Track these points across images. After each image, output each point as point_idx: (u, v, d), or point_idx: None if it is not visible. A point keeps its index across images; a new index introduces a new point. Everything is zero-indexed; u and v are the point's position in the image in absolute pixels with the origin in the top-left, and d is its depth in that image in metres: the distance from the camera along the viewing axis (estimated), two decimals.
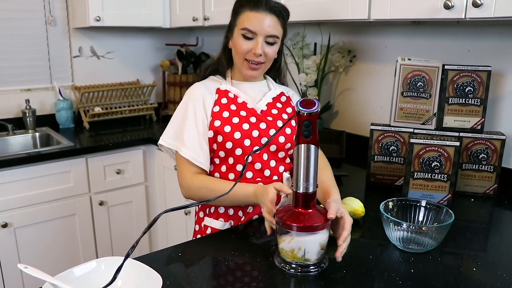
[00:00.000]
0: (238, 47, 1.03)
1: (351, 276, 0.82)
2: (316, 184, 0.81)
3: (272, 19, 1.02)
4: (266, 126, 1.06)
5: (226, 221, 1.08)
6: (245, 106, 1.07)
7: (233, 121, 1.04)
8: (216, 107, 1.05)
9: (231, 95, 1.07)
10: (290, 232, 0.81)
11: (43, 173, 1.71)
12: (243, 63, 1.05)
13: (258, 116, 1.06)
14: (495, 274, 0.84)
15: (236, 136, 1.02)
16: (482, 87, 1.20)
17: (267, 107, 1.09)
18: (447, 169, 1.14)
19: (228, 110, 1.05)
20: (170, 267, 0.86)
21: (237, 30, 1.03)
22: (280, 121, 1.08)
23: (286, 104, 1.13)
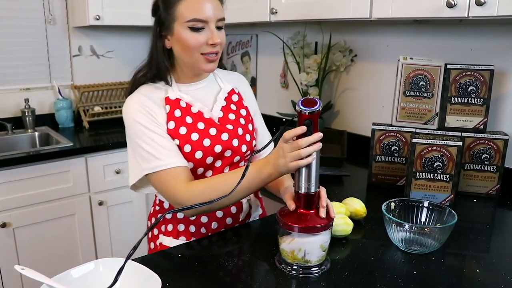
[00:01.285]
0: (189, 42, 0.88)
1: (353, 278, 0.81)
2: (318, 185, 0.80)
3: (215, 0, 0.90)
4: (228, 137, 0.96)
5: (188, 239, 0.99)
6: (201, 117, 0.94)
7: (192, 138, 0.92)
8: (170, 123, 0.91)
9: (183, 104, 0.93)
10: (291, 233, 0.79)
11: (42, 173, 1.70)
12: (198, 58, 0.90)
13: (217, 126, 0.95)
14: (498, 276, 0.83)
15: (198, 155, 0.92)
16: (484, 86, 1.19)
17: (223, 112, 0.98)
18: (450, 169, 1.13)
19: (185, 125, 0.92)
20: (170, 269, 0.85)
21: (179, 24, 0.88)
22: (241, 129, 0.99)
23: (239, 105, 1.03)
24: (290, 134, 0.77)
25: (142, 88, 0.94)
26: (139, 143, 0.90)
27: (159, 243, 1.02)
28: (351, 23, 1.68)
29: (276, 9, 1.54)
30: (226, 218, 1.02)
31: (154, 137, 0.89)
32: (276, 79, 2.06)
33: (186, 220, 1.00)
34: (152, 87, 0.95)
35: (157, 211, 1.06)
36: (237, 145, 0.98)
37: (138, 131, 0.90)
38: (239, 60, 2.25)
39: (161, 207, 1.04)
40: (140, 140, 0.90)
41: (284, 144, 0.78)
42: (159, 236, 1.03)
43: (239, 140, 0.98)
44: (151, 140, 0.89)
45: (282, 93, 2.05)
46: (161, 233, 1.03)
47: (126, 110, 0.92)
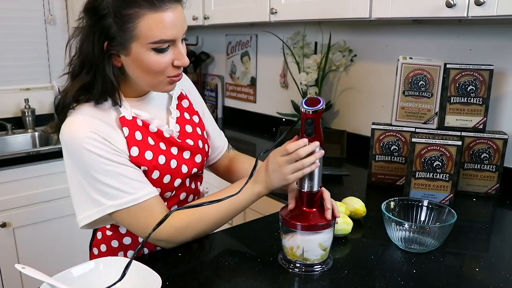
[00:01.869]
0: (153, 66, 0.74)
1: (353, 277, 0.81)
2: (320, 183, 0.81)
3: (180, 10, 0.74)
4: (190, 154, 0.88)
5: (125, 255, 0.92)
6: (161, 136, 0.83)
7: (160, 161, 0.82)
8: (133, 150, 0.78)
9: (140, 123, 0.80)
10: (293, 231, 0.80)
11: (42, 173, 1.71)
12: (161, 81, 0.78)
13: (177, 144, 0.86)
14: (498, 275, 0.83)
15: (166, 180, 0.84)
16: (484, 86, 1.19)
17: (179, 126, 0.89)
18: (449, 168, 1.13)
19: (149, 148, 0.80)
20: (170, 268, 0.85)
21: (140, 45, 0.72)
22: (200, 141, 0.91)
23: (191, 112, 0.94)
24: (292, 147, 0.75)
25: (84, 109, 0.77)
26: (98, 178, 0.75)
27: None
28: (351, 23, 1.69)
29: (276, 9, 1.55)
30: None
31: (118, 170, 0.76)
32: (275, 79, 2.07)
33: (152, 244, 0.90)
34: (96, 107, 0.77)
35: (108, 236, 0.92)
36: (200, 160, 0.91)
37: (95, 164, 0.74)
38: (239, 60, 2.25)
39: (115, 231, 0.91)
40: (99, 175, 0.74)
41: (281, 158, 0.77)
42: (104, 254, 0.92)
43: (201, 154, 0.92)
44: (115, 173, 0.75)
45: (282, 93, 2.05)
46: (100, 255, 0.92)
47: (72, 137, 0.74)
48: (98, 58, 0.74)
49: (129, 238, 0.92)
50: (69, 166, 0.79)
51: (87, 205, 0.78)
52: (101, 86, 0.76)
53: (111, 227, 0.92)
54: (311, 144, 0.76)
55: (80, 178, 0.77)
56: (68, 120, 0.76)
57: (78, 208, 0.79)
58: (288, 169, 0.76)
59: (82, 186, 0.77)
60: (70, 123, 0.76)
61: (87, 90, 0.77)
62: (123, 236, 0.91)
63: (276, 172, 0.77)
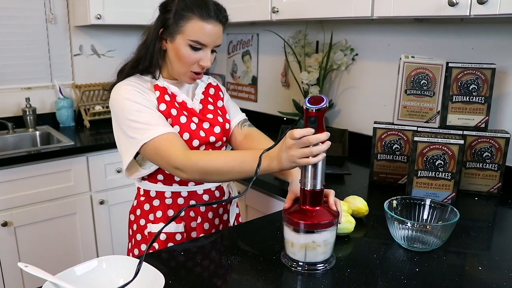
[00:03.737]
0: (185, 57, 0.95)
1: (356, 275, 0.81)
2: (323, 182, 0.81)
3: (220, 29, 0.96)
4: (209, 125, 1.03)
5: (178, 223, 1.03)
6: (185, 106, 1.01)
7: (181, 120, 0.98)
8: (162, 105, 0.97)
9: (170, 93, 1.00)
10: (296, 229, 0.80)
11: (44, 172, 1.70)
12: (185, 73, 0.98)
13: (198, 115, 1.02)
14: (501, 273, 0.83)
15: (185, 137, 0.97)
16: (486, 85, 1.19)
17: (202, 105, 1.05)
18: (451, 167, 1.13)
19: (173, 107, 0.98)
20: (172, 266, 0.85)
21: (183, 38, 0.94)
22: (220, 117, 1.06)
23: (216, 97, 1.10)
24: (299, 134, 0.76)
25: (129, 78, 0.99)
26: (131, 118, 0.93)
27: (148, 232, 1.04)
28: (353, 22, 1.69)
29: (277, 8, 1.54)
30: (211, 200, 1.07)
31: (148, 111, 0.94)
32: (277, 78, 2.06)
33: (175, 205, 1.04)
34: (138, 78, 1.00)
35: (142, 201, 1.06)
36: (219, 132, 1.04)
37: (129, 107, 0.93)
38: (240, 59, 2.25)
39: (147, 196, 1.06)
40: (132, 116, 0.93)
41: (291, 140, 0.77)
42: (146, 225, 1.05)
43: (220, 127, 1.05)
44: (145, 113, 0.93)
45: (283, 92, 2.05)
46: (149, 222, 1.05)
47: (115, 92, 0.96)
48: (153, 38, 0.98)
49: (157, 200, 1.05)
50: (114, 122, 0.98)
51: (126, 148, 0.95)
52: (148, 61, 0.99)
53: (144, 193, 1.07)
54: (323, 134, 0.76)
55: (121, 125, 0.95)
56: (116, 86, 0.98)
57: (122, 154, 0.97)
58: (297, 153, 0.76)
59: (122, 132, 0.95)
60: (116, 87, 0.97)
61: (137, 65, 1.00)
62: (153, 199, 1.05)
63: (285, 153, 0.78)
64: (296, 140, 0.76)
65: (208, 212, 1.07)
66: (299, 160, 0.77)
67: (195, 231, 1.05)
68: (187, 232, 1.05)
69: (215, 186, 1.08)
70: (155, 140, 0.91)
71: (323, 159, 0.78)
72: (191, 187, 1.04)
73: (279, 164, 0.80)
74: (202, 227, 1.05)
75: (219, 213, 1.10)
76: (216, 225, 1.10)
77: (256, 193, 1.49)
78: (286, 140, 0.79)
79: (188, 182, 1.04)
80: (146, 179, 1.05)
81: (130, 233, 1.12)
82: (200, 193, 1.06)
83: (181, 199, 1.04)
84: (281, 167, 0.80)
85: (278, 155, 0.80)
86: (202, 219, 1.06)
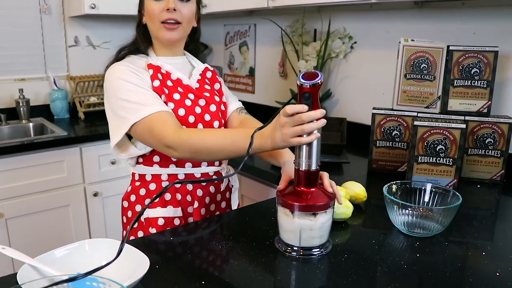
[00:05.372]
0: (151, 11, 0.96)
1: (353, 261, 0.77)
2: (319, 162, 0.77)
3: None
4: (205, 102, 1.01)
5: (175, 207, 1.01)
6: (180, 83, 1.00)
7: (174, 97, 0.96)
8: (155, 82, 0.95)
9: (164, 71, 0.99)
10: (291, 212, 0.76)
11: (36, 163, 1.67)
12: (160, 27, 0.96)
13: (194, 92, 1.00)
14: (504, 259, 0.79)
15: (181, 113, 0.95)
16: (488, 68, 1.16)
17: (199, 84, 1.04)
18: (453, 152, 1.09)
19: (166, 86, 0.97)
20: (161, 251, 0.82)
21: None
22: (217, 96, 1.05)
23: (213, 80, 1.08)
24: (292, 109, 0.72)
25: (124, 60, 0.99)
26: (123, 97, 0.91)
27: (144, 218, 1.01)
28: (351, 9, 1.65)
29: None
30: (209, 186, 1.05)
31: (140, 90, 0.92)
32: (274, 69, 2.03)
33: (172, 189, 1.01)
34: (133, 58, 1.00)
35: (137, 187, 1.03)
36: (214, 110, 1.02)
37: (122, 87, 0.91)
38: (237, 50, 2.21)
39: (142, 181, 1.03)
40: (124, 95, 0.91)
41: (284, 118, 0.73)
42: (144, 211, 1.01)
43: (216, 105, 1.03)
44: (137, 92, 0.91)
45: (281, 82, 2.02)
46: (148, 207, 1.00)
47: (109, 72, 0.95)
48: (138, 21, 1.03)
49: (153, 184, 1.02)
50: (106, 103, 0.96)
51: (115, 127, 0.93)
52: (137, 43, 1.02)
53: (139, 178, 1.04)
54: (316, 111, 0.72)
55: (113, 105, 0.93)
56: (111, 67, 0.97)
57: (111, 133, 0.96)
58: (289, 132, 0.72)
59: (113, 111, 0.93)
60: (111, 68, 0.96)
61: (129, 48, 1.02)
62: (149, 183, 1.02)
63: (278, 131, 0.75)
64: (289, 118, 0.72)
65: (205, 197, 1.03)
66: (291, 139, 0.73)
67: (191, 216, 1.02)
68: (185, 217, 1.02)
69: (213, 171, 1.04)
70: (146, 119, 0.89)
71: (317, 138, 0.75)
72: (188, 169, 1.01)
73: (273, 143, 0.77)
74: (199, 212, 1.02)
75: (216, 200, 1.07)
76: (212, 211, 1.06)
77: (251, 182, 1.45)
78: (279, 118, 0.75)
79: (185, 163, 1.00)
80: (141, 163, 1.02)
81: (124, 220, 1.08)
82: (198, 176, 1.02)
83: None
84: (274, 146, 0.77)
85: (271, 133, 0.76)
86: (199, 204, 1.02)
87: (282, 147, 0.77)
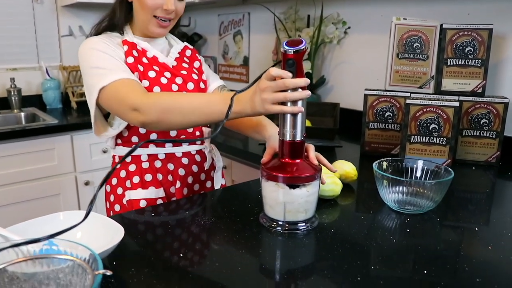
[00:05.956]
0: (146, 2, 0.91)
1: (340, 236, 0.75)
2: (304, 133, 0.74)
3: None
4: (183, 80, 0.97)
5: (157, 187, 0.97)
6: (156, 61, 0.96)
7: (149, 75, 0.93)
8: (129, 58, 0.92)
9: (139, 48, 0.95)
10: (276, 185, 0.73)
11: (27, 150, 1.65)
12: (151, 20, 0.93)
13: (171, 70, 0.97)
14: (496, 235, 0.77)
15: (156, 91, 0.92)
16: (483, 47, 1.13)
17: (177, 62, 1.00)
18: (446, 132, 1.06)
19: (141, 63, 0.93)
20: (141, 227, 0.79)
21: None
22: (195, 75, 1.01)
23: (192, 59, 1.04)
24: (276, 72, 0.69)
25: (102, 36, 0.95)
26: (93, 65, 0.87)
27: (126, 201, 0.98)
28: None
29: None
30: (192, 165, 1.01)
31: (109, 58, 0.88)
32: (268, 57, 2.00)
33: (152, 169, 0.98)
34: (109, 35, 0.97)
35: (117, 169, 1.00)
36: (192, 88, 0.98)
37: (93, 55, 0.88)
38: (232, 39, 2.19)
39: (123, 163, 0.99)
40: (94, 63, 0.87)
41: (266, 81, 0.70)
42: (124, 194, 0.99)
43: (194, 83, 0.99)
44: (106, 58, 0.88)
45: None
46: (127, 189, 0.98)
47: (82, 45, 0.91)
48: None
49: (133, 165, 0.99)
50: (82, 76, 0.92)
51: (89, 96, 0.89)
52: (115, 19, 0.97)
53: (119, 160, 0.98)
54: (301, 79, 0.69)
55: (85, 75, 0.90)
56: (85, 40, 0.94)
57: (89, 105, 0.91)
58: (270, 97, 0.69)
59: (86, 82, 0.90)
60: (85, 41, 0.93)
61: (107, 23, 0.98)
62: (128, 164, 0.99)
63: (258, 95, 0.71)
64: (272, 82, 0.69)
65: (187, 176, 1.01)
66: (270, 106, 0.70)
67: (174, 197, 0.99)
68: (168, 198, 0.99)
69: (196, 149, 1.02)
70: (112, 84, 0.84)
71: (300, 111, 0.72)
72: (168, 148, 0.98)
73: (252, 108, 0.73)
74: (181, 192, 0.99)
75: (200, 179, 1.04)
76: (197, 191, 1.04)
77: (242, 167, 1.43)
78: (260, 81, 0.71)
79: (166, 144, 0.97)
80: (120, 144, 0.99)
81: (108, 206, 1.06)
82: (179, 155, 1.00)
83: (158, 162, 0.98)
84: (254, 111, 0.73)
85: (251, 98, 0.73)
86: (182, 184, 1.00)
87: (261, 113, 0.73)
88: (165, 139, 0.97)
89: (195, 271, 0.63)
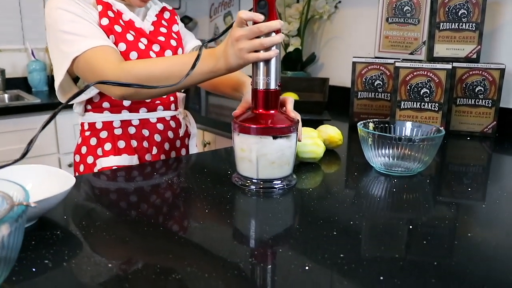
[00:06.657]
0: None
1: (319, 193, 0.69)
2: (279, 80, 0.68)
3: None
4: (160, 48, 0.91)
5: (131, 154, 0.92)
6: (132, 25, 0.90)
7: (127, 38, 0.86)
8: (104, 20, 0.84)
9: (115, 9, 0.88)
10: (249, 138, 0.67)
11: (7, 129, 1.59)
12: None
13: (147, 37, 0.91)
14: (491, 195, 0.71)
15: (133, 56, 0.86)
16: (477, 9, 1.07)
17: (154, 26, 0.94)
18: (438, 96, 1.00)
19: (119, 25, 0.86)
20: (106, 188, 0.74)
21: None
22: (174, 40, 0.95)
23: (171, 21, 0.98)
24: (247, 15, 0.63)
25: None
26: (63, 29, 0.79)
27: (98, 170, 0.91)
28: None
29: None
30: (167, 131, 0.96)
31: (82, 21, 0.81)
32: None
33: (126, 136, 0.92)
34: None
35: (87, 137, 0.94)
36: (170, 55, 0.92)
37: (63, 17, 0.80)
38: (222, 21, 2.13)
39: (93, 130, 0.93)
40: (64, 27, 0.79)
41: (239, 30, 0.64)
42: (95, 162, 0.92)
43: (172, 51, 0.93)
44: (79, 22, 0.80)
45: None
46: (98, 157, 0.92)
47: (48, 3, 0.83)
48: None
49: (105, 132, 0.93)
50: (47, 36, 0.84)
51: (58, 63, 0.83)
52: None
53: (89, 127, 0.94)
54: (275, 21, 0.63)
55: (54, 38, 0.82)
56: None
57: (55, 71, 0.84)
58: (246, 45, 0.64)
59: (55, 45, 0.82)
60: None
61: None
62: (99, 131, 0.93)
63: (232, 48, 0.66)
64: (245, 30, 0.64)
65: (164, 143, 0.95)
66: (248, 55, 0.65)
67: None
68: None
69: (170, 115, 0.96)
70: (87, 52, 0.78)
71: (276, 55, 0.66)
72: (142, 113, 0.92)
73: (226, 62, 0.68)
74: (158, 159, 0.93)
75: (176, 146, 0.98)
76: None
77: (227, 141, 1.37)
78: (232, 31, 0.66)
79: (140, 108, 0.92)
80: (91, 110, 0.93)
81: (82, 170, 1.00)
82: (153, 121, 0.94)
83: (132, 128, 0.92)
84: (228, 66, 0.68)
85: (224, 52, 0.68)
86: (158, 151, 0.94)
87: (236, 67, 0.68)
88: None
89: (152, 227, 0.57)
